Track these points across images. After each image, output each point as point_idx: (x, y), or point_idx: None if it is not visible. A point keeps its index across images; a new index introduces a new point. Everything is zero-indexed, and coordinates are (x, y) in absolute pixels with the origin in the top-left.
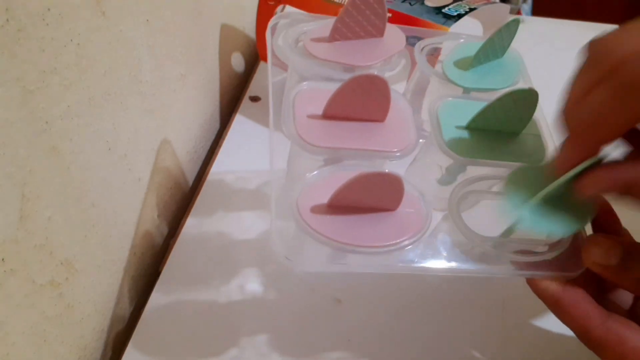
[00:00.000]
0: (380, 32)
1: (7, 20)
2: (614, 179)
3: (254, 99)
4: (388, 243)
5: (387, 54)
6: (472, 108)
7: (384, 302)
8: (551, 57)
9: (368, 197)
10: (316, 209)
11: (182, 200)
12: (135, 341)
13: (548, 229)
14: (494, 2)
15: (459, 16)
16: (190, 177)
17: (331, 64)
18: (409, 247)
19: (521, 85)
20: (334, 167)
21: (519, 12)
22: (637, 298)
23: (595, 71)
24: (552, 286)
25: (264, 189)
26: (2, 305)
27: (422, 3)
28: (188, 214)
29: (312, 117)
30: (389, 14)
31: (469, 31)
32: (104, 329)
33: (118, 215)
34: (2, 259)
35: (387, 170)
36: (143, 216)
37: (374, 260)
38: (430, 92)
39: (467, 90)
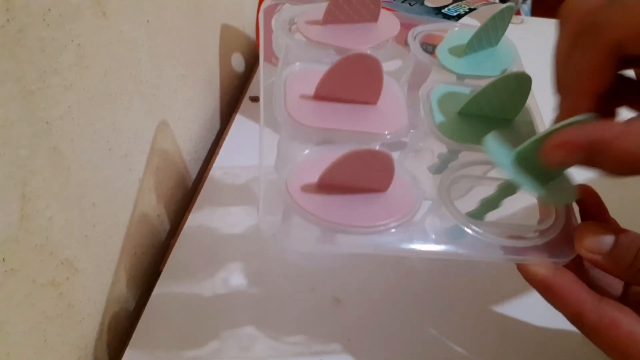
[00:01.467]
0: (374, 17)
1: (8, 20)
2: (576, 138)
3: (254, 99)
4: (377, 223)
5: (380, 38)
6: (465, 94)
7: (384, 302)
8: (550, 57)
9: (358, 176)
10: (305, 189)
11: (183, 200)
12: (136, 341)
13: (533, 187)
14: (494, 3)
15: (459, 16)
16: (191, 177)
17: (324, 47)
18: (399, 228)
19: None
20: (324, 148)
21: (518, 13)
22: (627, 285)
23: (565, 31)
24: (543, 271)
25: None
26: (3, 305)
27: (422, 3)
28: (188, 214)
29: (303, 97)
30: None
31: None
32: (105, 329)
33: (118, 215)
34: (3, 259)
35: (377, 148)
36: (143, 216)
37: (363, 241)
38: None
39: (460, 77)
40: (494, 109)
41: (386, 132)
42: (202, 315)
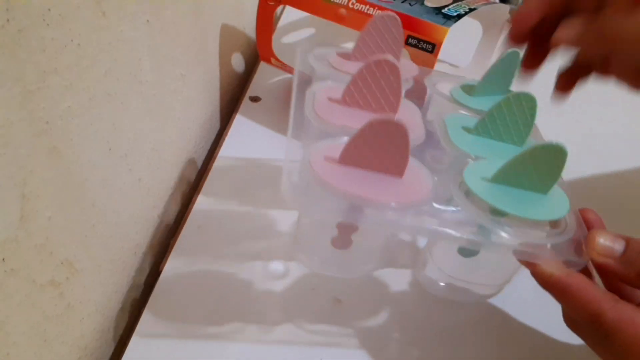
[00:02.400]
0: (397, 54)
1: (8, 20)
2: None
3: (254, 99)
4: (397, 201)
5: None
6: (474, 120)
7: (384, 302)
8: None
9: (376, 149)
10: (327, 165)
11: (183, 200)
12: (136, 341)
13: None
14: (494, 3)
15: (459, 16)
16: (191, 177)
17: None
18: (414, 210)
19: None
20: (344, 138)
21: None
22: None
23: None
24: (558, 272)
25: (264, 189)
26: (3, 305)
27: (422, 3)
28: (188, 214)
29: (330, 102)
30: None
31: (469, 31)
32: (105, 329)
33: (118, 215)
34: (3, 259)
35: (393, 118)
36: (143, 216)
37: (384, 216)
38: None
39: (477, 113)
40: (503, 131)
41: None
42: (202, 316)
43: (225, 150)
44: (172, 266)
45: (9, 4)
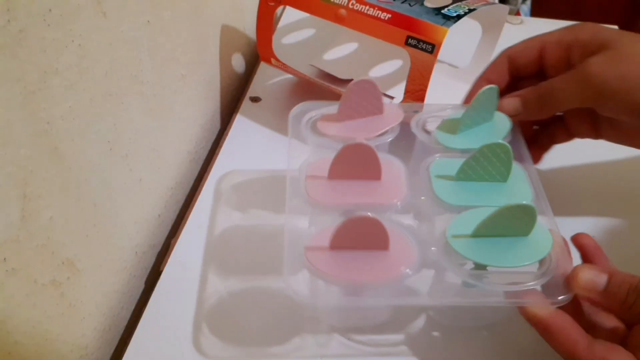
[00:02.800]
0: (380, 110)
1: (9, 20)
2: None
3: (255, 99)
4: (383, 278)
5: (386, 126)
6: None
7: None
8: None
9: (359, 238)
10: (321, 253)
11: (183, 200)
12: (137, 341)
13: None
14: (494, 3)
15: (459, 17)
16: (191, 177)
17: (339, 139)
18: (403, 280)
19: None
20: (336, 219)
21: (517, 13)
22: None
23: None
24: (540, 312)
25: (264, 189)
26: (4, 305)
27: (422, 4)
28: (189, 214)
29: (319, 179)
30: (389, 15)
31: (469, 32)
32: (105, 329)
33: (119, 215)
34: (4, 259)
35: (368, 214)
36: (144, 216)
37: (376, 294)
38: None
39: (462, 152)
40: (485, 174)
41: (395, 201)
42: (202, 316)
43: (226, 150)
44: (172, 266)
45: (10, 4)
